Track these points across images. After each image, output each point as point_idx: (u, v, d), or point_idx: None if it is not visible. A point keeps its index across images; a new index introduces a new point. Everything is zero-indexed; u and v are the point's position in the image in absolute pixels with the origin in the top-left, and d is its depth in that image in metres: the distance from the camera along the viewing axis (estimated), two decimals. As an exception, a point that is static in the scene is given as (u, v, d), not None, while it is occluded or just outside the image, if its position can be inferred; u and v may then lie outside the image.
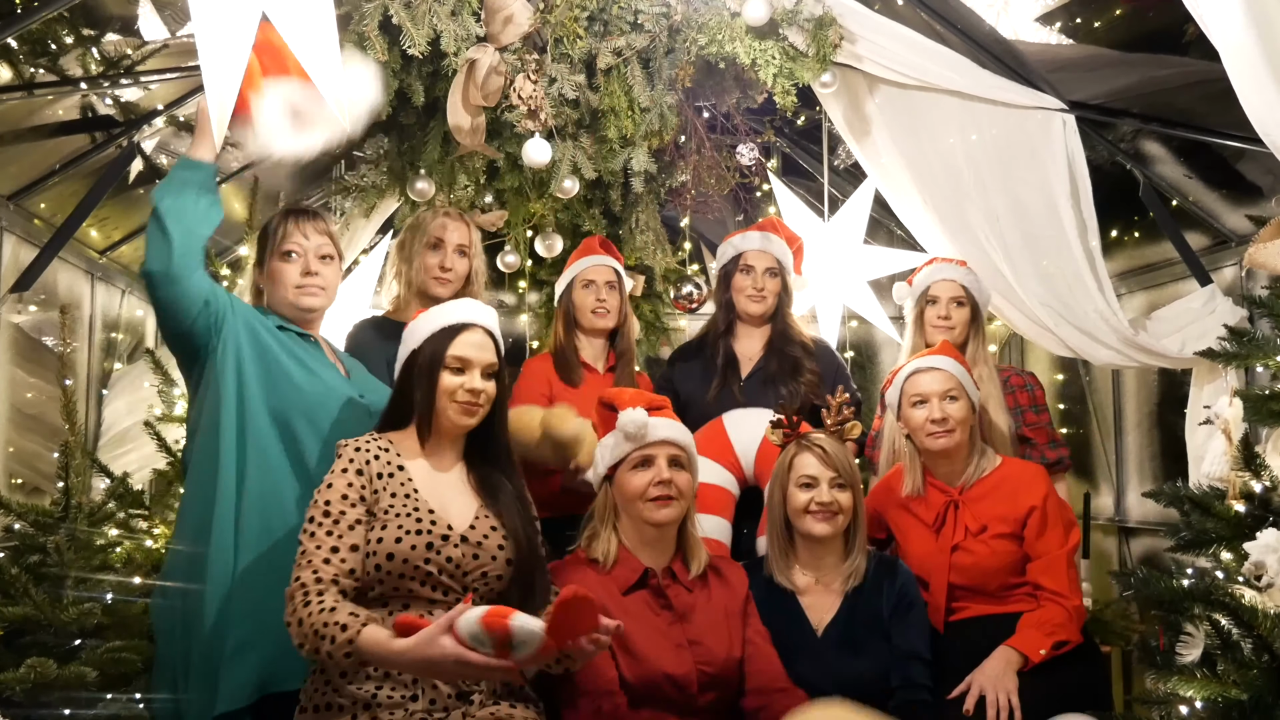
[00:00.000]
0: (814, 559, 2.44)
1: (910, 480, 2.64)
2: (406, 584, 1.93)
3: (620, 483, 2.23)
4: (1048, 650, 2.37)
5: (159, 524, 3.00)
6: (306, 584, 1.84)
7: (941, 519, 2.57)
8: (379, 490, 1.97)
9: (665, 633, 2.17)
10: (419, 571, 1.93)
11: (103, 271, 3.86)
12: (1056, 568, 2.48)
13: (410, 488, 2.00)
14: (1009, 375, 3.08)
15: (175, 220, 2.07)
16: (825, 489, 2.38)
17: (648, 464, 2.21)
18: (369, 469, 1.97)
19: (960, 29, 3.15)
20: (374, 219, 3.61)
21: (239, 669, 2.02)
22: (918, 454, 2.64)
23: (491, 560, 2.00)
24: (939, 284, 3.07)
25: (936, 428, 2.55)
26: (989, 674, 2.33)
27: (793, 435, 2.47)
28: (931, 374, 2.60)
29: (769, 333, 3.08)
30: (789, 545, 2.46)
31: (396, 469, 2.01)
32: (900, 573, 2.47)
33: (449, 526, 1.97)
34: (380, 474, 1.98)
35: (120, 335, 4.03)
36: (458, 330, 2.06)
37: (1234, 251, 3.39)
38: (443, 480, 2.06)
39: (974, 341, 3.03)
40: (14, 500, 2.57)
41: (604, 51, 3.04)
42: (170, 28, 3.23)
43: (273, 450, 2.16)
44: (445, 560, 1.94)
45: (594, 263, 3.09)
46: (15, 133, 3.06)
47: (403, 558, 1.91)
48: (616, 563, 2.21)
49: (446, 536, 1.96)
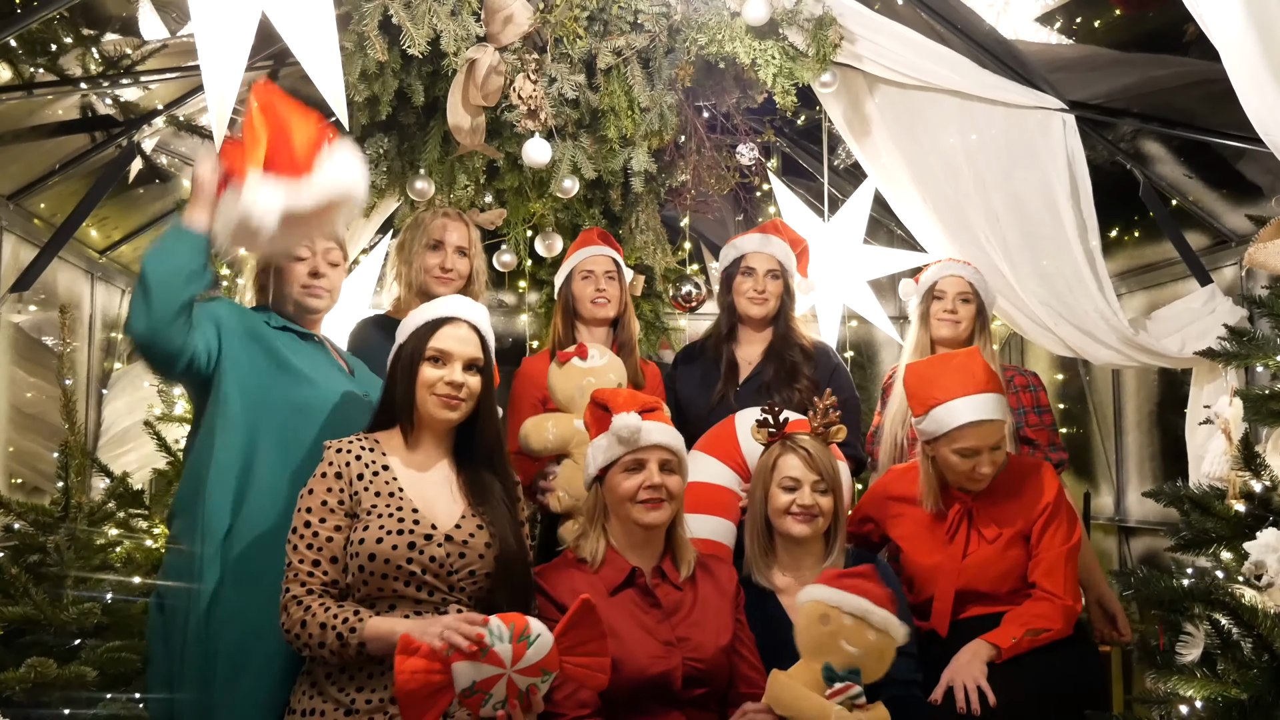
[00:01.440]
0: (793, 559, 2.44)
1: (930, 500, 2.58)
2: (390, 584, 1.92)
3: (611, 484, 2.23)
4: (1019, 637, 2.36)
5: (159, 524, 3.01)
6: (299, 595, 1.89)
7: (954, 527, 2.54)
8: (360, 491, 1.96)
9: (653, 630, 2.17)
10: (402, 571, 1.92)
11: (103, 271, 3.86)
12: (1055, 566, 2.47)
13: (394, 486, 1.99)
14: (1012, 375, 3.06)
15: (158, 284, 2.03)
16: (807, 491, 2.38)
17: (639, 467, 2.21)
18: (348, 470, 1.97)
19: (960, 29, 3.16)
20: (374, 219, 3.61)
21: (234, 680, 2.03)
22: (934, 472, 2.57)
23: (479, 559, 1.99)
24: (946, 280, 3.05)
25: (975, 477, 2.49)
26: (956, 665, 2.34)
27: (777, 435, 2.48)
28: (985, 428, 2.46)
29: (770, 337, 3.07)
30: (769, 545, 2.46)
31: (381, 468, 2.00)
32: (880, 572, 2.47)
33: (433, 526, 1.97)
34: (361, 475, 1.98)
35: (120, 335, 4.03)
36: (440, 324, 2.06)
37: (1234, 251, 3.39)
38: (428, 479, 2.05)
39: (979, 339, 3.01)
40: (14, 500, 2.58)
41: (604, 51, 3.04)
42: (170, 28, 3.24)
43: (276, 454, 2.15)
44: (429, 560, 1.93)
45: (592, 253, 3.07)
46: (15, 133, 3.06)
47: (384, 558, 1.91)
48: (604, 563, 2.22)
49: (430, 536, 1.95)
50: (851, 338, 4.77)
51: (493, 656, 1.73)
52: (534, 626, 1.76)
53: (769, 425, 2.47)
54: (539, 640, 1.76)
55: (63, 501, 2.58)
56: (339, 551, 1.93)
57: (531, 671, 1.75)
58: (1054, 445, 3.02)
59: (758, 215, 4.51)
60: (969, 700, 2.27)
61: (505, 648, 1.73)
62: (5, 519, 2.60)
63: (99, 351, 3.86)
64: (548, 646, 1.76)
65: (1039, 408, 3.02)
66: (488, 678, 1.73)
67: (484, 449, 2.10)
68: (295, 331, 2.30)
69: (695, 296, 4.56)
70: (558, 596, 2.14)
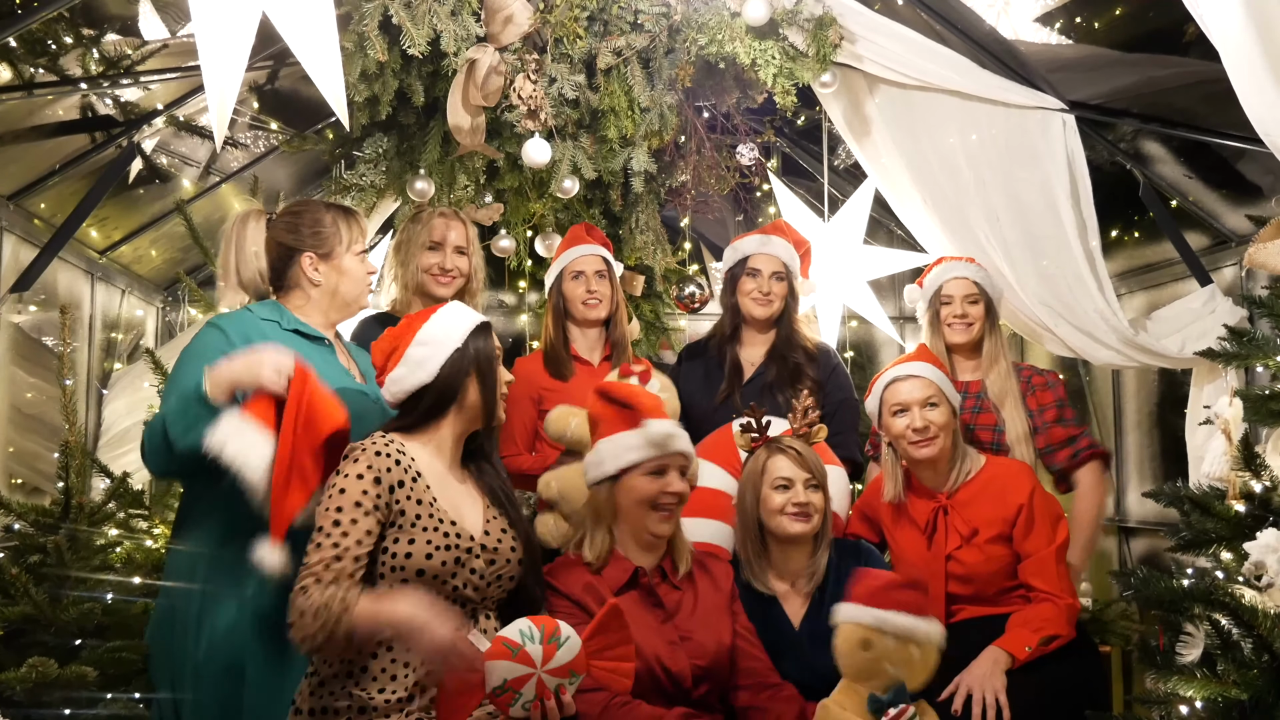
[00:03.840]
0: (786, 559, 2.45)
1: (890, 487, 2.63)
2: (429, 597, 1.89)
3: (630, 485, 2.22)
4: (1034, 646, 2.36)
5: (159, 524, 3.01)
6: (307, 584, 1.82)
7: (932, 526, 2.56)
8: (399, 499, 1.91)
9: (658, 631, 2.18)
10: (445, 587, 1.91)
11: (103, 271, 3.86)
12: (1046, 567, 2.48)
13: (429, 495, 1.95)
14: (1030, 374, 3.01)
15: (183, 448, 2.00)
16: (801, 489, 2.40)
17: (661, 472, 2.22)
18: (388, 476, 1.91)
19: (960, 29, 3.15)
20: (374, 219, 3.61)
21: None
22: (898, 461, 2.63)
23: (506, 564, 2.00)
24: (951, 283, 3.01)
25: (918, 436, 2.53)
26: (976, 674, 2.32)
27: (761, 439, 2.48)
28: (911, 382, 2.57)
29: (773, 338, 3.06)
30: (761, 548, 2.46)
31: (415, 475, 1.95)
32: (864, 555, 2.50)
33: (471, 538, 1.96)
34: (401, 481, 1.92)
35: (120, 335, 4.04)
36: (487, 328, 2.08)
37: (1234, 251, 3.39)
38: (452, 485, 2.04)
39: (990, 338, 2.98)
40: (14, 500, 2.58)
41: (604, 51, 3.05)
42: (170, 28, 3.24)
43: None
44: (470, 573, 1.93)
45: (581, 253, 3.05)
46: (15, 133, 3.06)
47: (433, 574, 1.89)
48: (608, 564, 2.22)
49: (470, 548, 1.94)
50: (851, 338, 4.77)
51: (524, 656, 1.77)
52: (564, 629, 1.81)
53: (752, 430, 2.49)
54: (569, 643, 1.80)
55: (63, 502, 2.58)
56: (364, 558, 1.86)
57: (560, 672, 1.79)
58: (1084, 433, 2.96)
59: (758, 215, 4.51)
60: (986, 712, 2.26)
61: (536, 648, 1.77)
62: (5, 519, 2.60)
63: (99, 351, 3.86)
64: (576, 648, 1.81)
65: (1060, 402, 2.96)
66: (518, 677, 1.76)
67: (488, 448, 2.12)
68: (305, 334, 2.25)
69: (698, 297, 4.56)
70: (570, 592, 2.17)
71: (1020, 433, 2.86)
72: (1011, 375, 2.94)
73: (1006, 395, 2.89)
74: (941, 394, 2.57)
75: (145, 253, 4.08)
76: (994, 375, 2.94)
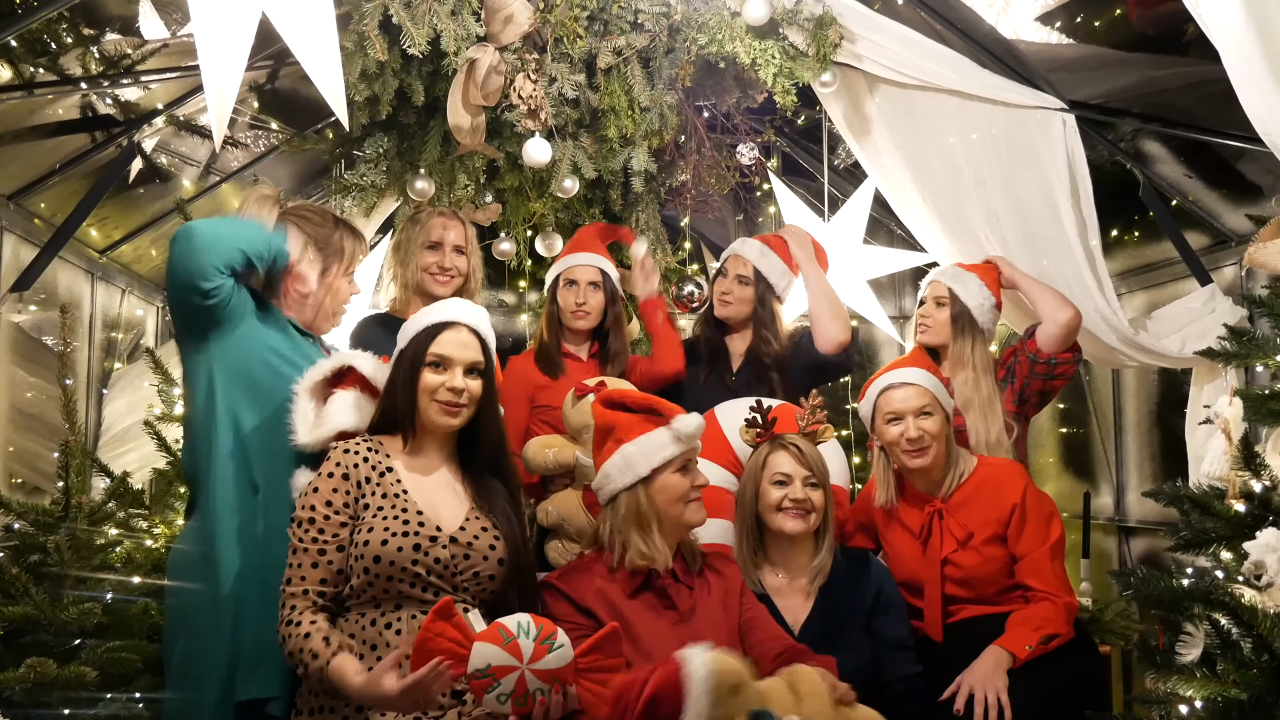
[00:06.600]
0: (784, 557, 2.45)
1: (883, 492, 2.63)
2: (396, 585, 1.93)
3: (665, 484, 2.21)
4: (1034, 645, 2.36)
5: (159, 523, 3.00)
6: (289, 601, 1.90)
7: (927, 530, 2.56)
8: (366, 493, 1.97)
9: (671, 632, 2.18)
10: (407, 573, 1.92)
11: (103, 271, 3.86)
12: (1041, 566, 2.48)
13: (399, 488, 1.99)
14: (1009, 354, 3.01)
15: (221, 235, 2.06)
16: (799, 486, 2.39)
17: (686, 468, 2.23)
18: (355, 472, 1.98)
19: (960, 29, 3.15)
20: (374, 219, 3.61)
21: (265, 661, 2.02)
22: (891, 465, 2.62)
23: (483, 560, 2.00)
24: (929, 285, 3.05)
25: (912, 446, 2.51)
26: (978, 674, 2.32)
27: (765, 435, 2.48)
28: (905, 390, 2.55)
29: (750, 337, 3.09)
30: (759, 544, 2.46)
31: (385, 470, 2.01)
32: (874, 569, 2.49)
33: (437, 527, 1.97)
34: (368, 477, 1.98)
35: (120, 335, 4.03)
36: (441, 328, 2.05)
37: (1234, 251, 3.38)
38: (432, 481, 2.05)
39: (959, 343, 2.93)
40: (14, 500, 2.58)
41: (604, 51, 3.05)
42: (170, 28, 3.23)
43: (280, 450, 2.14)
44: (433, 561, 1.94)
45: (576, 262, 3.07)
46: (15, 133, 3.06)
47: (389, 559, 1.91)
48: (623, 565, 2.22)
49: (435, 537, 1.95)
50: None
51: (514, 647, 1.76)
52: (560, 636, 1.79)
53: (757, 425, 2.49)
54: (561, 649, 1.78)
55: (63, 501, 2.58)
56: (338, 553, 1.93)
57: (544, 676, 1.77)
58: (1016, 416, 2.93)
59: (758, 215, 4.51)
60: (988, 712, 2.27)
61: (529, 644, 1.76)
62: (5, 519, 2.60)
63: (99, 351, 3.86)
64: (567, 658, 1.78)
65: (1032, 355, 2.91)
66: (502, 666, 1.75)
67: (487, 451, 2.11)
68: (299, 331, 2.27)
69: (697, 296, 4.54)
70: (581, 598, 2.15)
71: (983, 440, 2.80)
72: (981, 384, 2.86)
73: (971, 403, 2.84)
74: (936, 402, 2.55)
75: (145, 252, 4.08)
76: (959, 380, 2.89)
